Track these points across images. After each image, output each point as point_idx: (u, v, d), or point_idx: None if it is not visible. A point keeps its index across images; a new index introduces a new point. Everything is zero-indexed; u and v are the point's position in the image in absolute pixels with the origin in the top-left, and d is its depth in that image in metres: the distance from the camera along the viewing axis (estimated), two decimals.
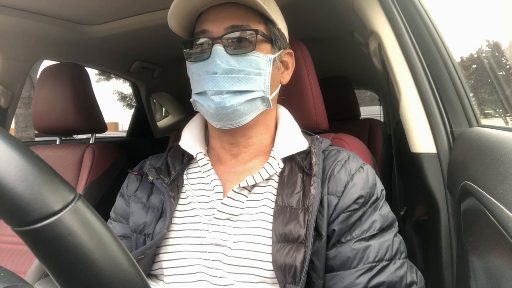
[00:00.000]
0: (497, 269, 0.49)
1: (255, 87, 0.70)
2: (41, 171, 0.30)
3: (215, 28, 0.70)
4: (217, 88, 0.67)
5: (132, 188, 0.83)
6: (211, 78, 0.68)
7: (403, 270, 0.65)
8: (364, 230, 0.66)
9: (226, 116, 0.69)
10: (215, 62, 0.67)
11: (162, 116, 3.05)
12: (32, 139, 4.03)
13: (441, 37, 0.95)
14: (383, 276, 0.63)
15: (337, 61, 2.18)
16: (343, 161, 0.72)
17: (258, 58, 0.71)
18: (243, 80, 0.69)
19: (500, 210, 0.48)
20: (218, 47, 0.68)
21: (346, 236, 0.66)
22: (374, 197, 0.69)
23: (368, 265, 0.63)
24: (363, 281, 0.62)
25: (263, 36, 0.71)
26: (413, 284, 0.65)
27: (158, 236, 0.70)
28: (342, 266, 0.65)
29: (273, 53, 0.74)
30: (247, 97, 0.69)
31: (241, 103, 0.69)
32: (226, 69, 0.67)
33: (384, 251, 0.64)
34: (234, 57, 0.69)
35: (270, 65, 0.73)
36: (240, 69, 0.68)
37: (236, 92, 0.68)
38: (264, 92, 0.72)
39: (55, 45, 1.50)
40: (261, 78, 0.71)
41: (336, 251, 0.66)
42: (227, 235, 0.68)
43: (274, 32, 0.75)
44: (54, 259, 0.29)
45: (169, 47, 1.71)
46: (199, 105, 0.73)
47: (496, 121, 2.32)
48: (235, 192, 0.71)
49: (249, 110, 0.71)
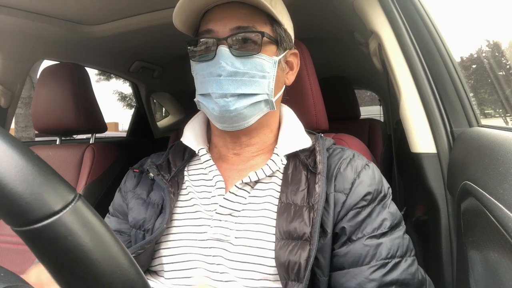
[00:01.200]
0: (497, 269, 0.49)
1: (259, 90, 0.70)
2: (41, 171, 0.30)
3: (221, 28, 0.70)
4: (221, 91, 0.67)
5: (130, 184, 0.83)
6: (216, 80, 0.67)
7: (414, 267, 0.65)
8: (375, 228, 0.66)
9: (230, 119, 0.69)
10: (220, 64, 0.67)
11: (162, 116, 3.05)
12: (32, 139, 4.03)
13: (441, 37, 0.95)
14: (396, 273, 0.63)
15: (337, 61, 2.18)
16: (349, 159, 0.73)
17: (263, 60, 0.70)
18: (248, 83, 0.68)
19: (500, 210, 0.48)
20: (223, 48, 0.68)
21: (357, 234, 0.66)
22: (381, 194, 0.69)
23: (381, 261, 0.63)
24: (377, 277, 0.62)
25: (268, 38, 0.71)
26: (424, 282, 0.65)
27: (158, 231, 0.70)
28: (354, 263, 0.64)
29: (278, 54, 0.74)
30: (251, 101, 0.69)
31: (245, 107, 0.69)
32: (230, 72, 0.67)
33: (395, 248, 0.65)
34: (239, 59, 0.68)
35: (275, 68, 0.72)
36: (245, 72, 0.68)
37: (240, 95, 0.68)
38: (268, 95, 0.72)
39: (55, 45, 1.50)
40: (266, 81, 0.71)
41: (347, 248, 0.65)
42: (229, 230, 0.68)
43: (280, 33, 0.74)
44: (54, 259, 0.29)
45: (169, 47, 1.71)
46: (202, 106, 0.73)
47: (496, 121, 2.33)
48: (237, 187, 0.71)
49: (252, 113, 0.71)
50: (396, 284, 0.62)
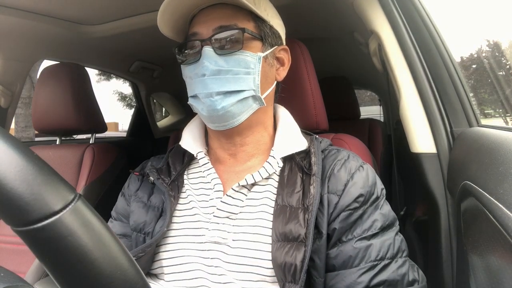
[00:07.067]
0: (497, 269, 0.49)
1: (244, 86, 0.70)
2: (41, 171, 0.30)
3: (204, 30, 0.71)
4: (206, 91, 0.68)
5: (133, 188, 0.84)
6: (200, 80, 0.69)
7: (405, 268, 0.65)
8: (365, 229, 0.66)
9: (219, 118, 0.70)
10: (203, 64, 0.68)
11: (162, 116, 3.05)
12: (32, 139, 4.03)
13: (441, 37, 0.95)
14: (385, 275, 0.63)
15: (337, 61, 2.17)
16: (343, 160, 0.73)
17: (246, 57, 0.71)
18: (232, 80, 0.69)
19: (500, 210, 0.48)
20: (207, 48, 0.69)
21: (347, 235, 0.66)
22: (374, 196, 0.69)
23: (370, 263, 0.63)
24: (365, 280, 0.62)
25: (251, 34, 0.72)
26: (415, 282, 0.65)
27: (158, 234, 0.71)
28: (344, 265, 0.65)
29: (263, 50, 0.74)
30: (238, 97, 0.69)
31: (232, 104, 0.69)
32: (214, 71, 0.68)
33: (385, 250, 0.64)
34: (222, 57, 0.69)
35: (259, 63, 0.73)
36: (228, 69, 0.69)
37: (226, 93, 0.68)
38: (255, 90, 0.72)
39: (55, 45, 1.50)
40: (251, 77, 0.71)
41: (338, 250, 0.66)
42: (226, 233, 0.69)
43: (264, 29, 0.75)
44: (54, 259, 0.29)
45: (169, 47, 1.70)
46: (194, 108, 0.74)
47: (496, 121, 2.33)
48: (234, 190, 0.71)
49: (241, 110, 0.71)
50: (383, 284, 0.62)
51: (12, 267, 1.23)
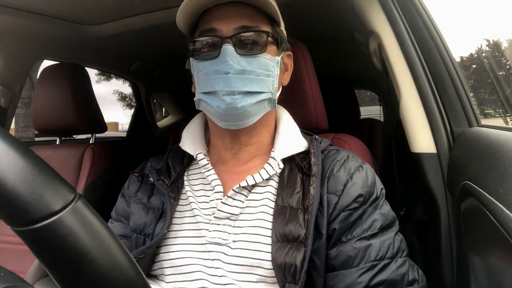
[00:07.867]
0: (497, 269, 0.49)
1: (264, 88, 0.71)
2: (41, 171, 0.30)
3: (225, 27, 0.70)
4: (229, 89, 0.67)
5: (133, 188, 0.83)
6: (223, 78, 0.67)
7: (405, 268, 0.65)
8: (365, 229, 0.66)
9: (235, 117, 0.69)
10: (227, 62, 0.67)
11: (162, 116, 3.05)
12: (32, 139, 4.03)
13: (441, 37, 0.95)
14: (384, 275, 0.63)
15: (337, 61, 2.17)
16: (342, 160, 0.73)
17: (267, 60, 0.71)
18: (254, 81, 0.69)
19: (500, 210, 0.48)
20: (228, 46, 0.68)
21: (347, 235, 0.66)
22: (374, 196, 0.69)
23: (369, 263, 0.63)
24: (365, 280, 0.62)
25: (272, 37, 0.72)
26: (415, 282, 0.65)
27: (158, 236, 0.70)
28: (344, 265, 0.65)
29: (278, 55, 0.75)
30: (257, 99, 0.69)
31: (251, 105, 0.69)
32: (238, 70, 0.67)
33: (385, 250, 0.64)
34: (244, 58, 0.69)
35: (277, 67, 0.74)
36: (251, 70, 0.68)
37: (247, 93, 0.68)
38: (272, 93, 0.73)
39: (55, 45, 1.50)
40: (270, 80, 0.72)
41: (337, 250, 0.66)
42: (227, 234, 0.69)
43: (280, 34, 0.76)
44: (54, 259, 0.29)
45: (169, 47, 1.71)
46: (205, 105, 0.72)
47: (496, 121, 2.33)
48: (235, 191, 0.71)
49: (256, 111, 0.71)
50: (383, 284, 0.62)
51: (12, 267, 1.23)
